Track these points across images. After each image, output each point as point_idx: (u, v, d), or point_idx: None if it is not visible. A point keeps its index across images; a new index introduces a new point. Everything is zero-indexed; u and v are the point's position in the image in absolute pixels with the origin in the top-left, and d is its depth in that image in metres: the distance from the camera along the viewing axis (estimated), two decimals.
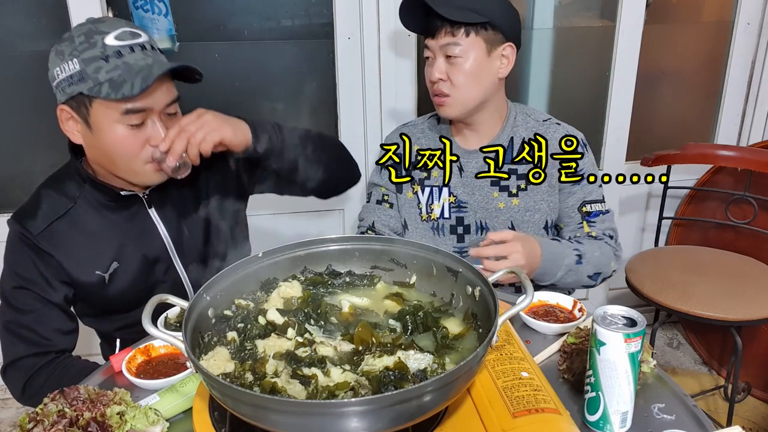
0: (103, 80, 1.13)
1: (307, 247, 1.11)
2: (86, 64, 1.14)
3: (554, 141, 1.57)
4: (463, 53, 1.45)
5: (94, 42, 1.14)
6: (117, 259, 1.32)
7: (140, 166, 1.23)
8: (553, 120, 1.62)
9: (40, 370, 1.27)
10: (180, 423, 0.98)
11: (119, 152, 1.21)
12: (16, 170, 2.21)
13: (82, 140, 1.24)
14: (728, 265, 2.13)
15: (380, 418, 0.75)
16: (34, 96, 2.14)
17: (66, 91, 1.18)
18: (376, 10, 2.13)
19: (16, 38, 2.07)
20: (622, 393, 0.90)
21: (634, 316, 0.91)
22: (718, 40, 2.53)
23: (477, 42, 1.45)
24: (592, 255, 1.51)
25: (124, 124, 1.18)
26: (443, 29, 1.45)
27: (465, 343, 0.94)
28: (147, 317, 0.83)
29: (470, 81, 1.48)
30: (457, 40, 1.45)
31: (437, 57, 1.49)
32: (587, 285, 1.55)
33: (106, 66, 1.13)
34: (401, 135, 1.66)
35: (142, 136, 1.20)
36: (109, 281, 1.31)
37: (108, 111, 1.16)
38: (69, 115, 1.22)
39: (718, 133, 2.62)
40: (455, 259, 1.03)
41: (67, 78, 1.16)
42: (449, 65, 1.47)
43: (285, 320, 0.99)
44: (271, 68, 2.26)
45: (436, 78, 1.49)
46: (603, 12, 2.43)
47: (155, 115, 1.20)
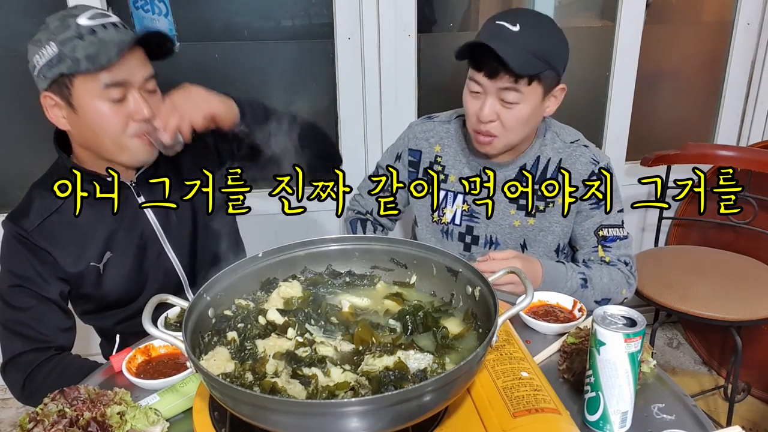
0: (80, 57, 1.16)
1: (307, 247, 1.11)
2: (63, 44, 1.17)
3: (579, 167, 1.51)
4: (520, 100, 1.38)
5: (67, 24, 1.18)
6: (110, 249, 1.34)
7: (127, 141, 1.25)
8: (581, 142, 1.55)
9: (39, 366, 1.28)
10: (180, 423, 0.98)
11: (104, 128, 1.23)
12: (16, 170, 2.22)
13: (68, 125, 1.27)
14: (728, 265, 2.13)
15: (380, 418, 0.75)
16: (34, 96, 2.14)
17: (47, 76, 1.21)
18: (376, 10, 2.13)
19: (16, 38, 2.07)
20: (622, 393, 0.90)
21: (634, 316, 0.91)
22: (718, 40, 2.53)
23: (536, 89, 1.38)
24: (600, 281, 1.48)
25: (106, 100, 1.20)
26: (505, 75, 1.34)
27: (465, 343, 0.94)
28: (147, 317, 0.83)
29: (521, 126, 1.42)
30: (518, 87, 1.36)
31: (489, 97, 1.39)
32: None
33: (82, 44, 1.17)
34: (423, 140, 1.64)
35: (124, 111, 1.23)
36: (103, 271, 1.33)
37: (89, 86, 1.19)
38: (53, 102, 1.24)
39: (718, 133, 2.63)
40: (455, 259, 1.03)
41: (46, 63, 1.19)
42: (501, 107, 1.39)
43: (285, 320, 0.99)
44: (271, 68, 2.27)
45: (487, 120, 1.40)
46: (603, 12, 2.43)
47: (135, 90, 1.23)
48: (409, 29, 2.18)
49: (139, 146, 1.26)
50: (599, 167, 1.51)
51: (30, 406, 1.29)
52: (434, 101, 2.26)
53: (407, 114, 2.27)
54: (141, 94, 1.24)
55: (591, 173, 1.51)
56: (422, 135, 1.64)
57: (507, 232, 1.57)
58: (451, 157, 1.60)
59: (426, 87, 2.29)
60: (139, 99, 1.23)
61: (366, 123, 2.27)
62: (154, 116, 1.24)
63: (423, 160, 1.64)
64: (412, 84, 2.25)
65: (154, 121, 1.23)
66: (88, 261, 1.32)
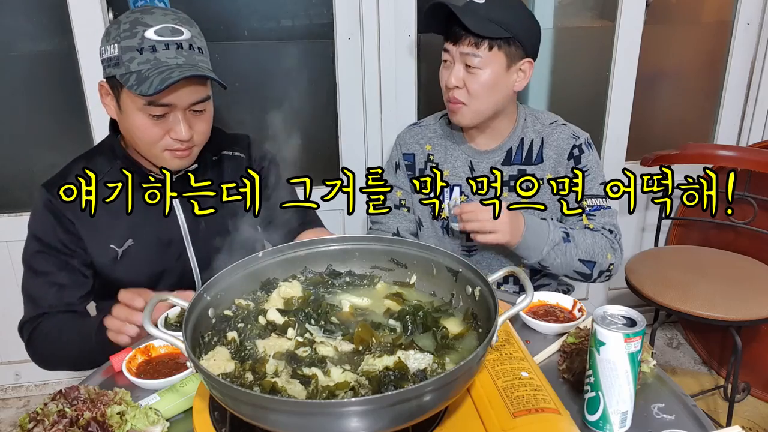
0: (133, 71, 1.19)
1: (307, 247, 1.11)
2: (123, 51, 1.20)
3: (561, 142, 1.59)
4: (482, 65, 1.46)
5: (135, 32, 1.20)
6: (132, 237, 1.37)
7: (158, 152, 1.29)
8: (560, 121, 1.63)
9: (41, 324, 1.33)
10: (180, 423, 0.98)
11: (140, 137, 1.27)
12: (16, 170, 2.21)
13: (115, 115, 1.31)
14: (728, 265, 2.13)
15: (380, 418, 0.75)
16: (34, 96, 2.14)
17: (106, 70, 1.25)
18: (376, 10, 2.13)
19: (16, 38, 2.07)
20: (622, 393, 0.90)
21: (634, 316, 0.91)
22: (718, 40, 2.53)
23: (498, 56, 1.47)
24: (583, 240, 1.52)
25: (146, 114, 1.23)
26: (467, 39, 1.45)
27: (465, 343, 0.94)
28: (147, 317, 0.83)
29: (486, 92, 1.49)
30: (479, 52, 1.45)
31: (456, 63, 1.50)
32: (582, 273, 1.54)
33: (139, 58, 1.19)
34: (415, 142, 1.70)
35: (163, 127, 1.26)
36: (121, 257, 1.36)
37: (133, 99, 1.22)
38: (107, 92, 1.28)
39: (718, 133, 2.63)
40: (455, 259, 1.03)
41: (107, 59, 1.23)
42: (467, 74, 1.49)
43: (285, 320, 0.99)
44: (271, 68, 2.26)
45: (453, 85, 1.50)
46: (603, 12, 2.43)
47: (179, 111, 1.25)
48: (409, 29, 2.18)
49: (170, 158, 1.30)
50: (580, 142, 1.58)
51: (41, 367, 1.39)
52: (434, 101, 2.26)
53: (407, 114, 2.27)
54: (184, 115, 1.26)
55: (572, 146, 1.58)
56: (412, 140, 1.72)
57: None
58: (441, 153, 1.67)
59: (426, 87, 2.29)
60: (180, 120, 1.25)
61: (366, 123, 2.27)
62: (191, 138, 1.27)
63: (418, 161, 1.71)
64: (412, 84, 2.25)
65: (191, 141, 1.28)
66: (109, 243, 1.35)
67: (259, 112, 2.29)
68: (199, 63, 1.23)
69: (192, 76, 1.19)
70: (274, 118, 2.37)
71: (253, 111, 2.28)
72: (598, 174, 1.60)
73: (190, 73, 1.18)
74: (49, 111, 2.16)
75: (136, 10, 1.23)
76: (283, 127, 2.41)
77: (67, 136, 2.19)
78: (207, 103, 1.29)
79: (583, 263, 1.52)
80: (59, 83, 2.12)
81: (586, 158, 1.58)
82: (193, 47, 1.23)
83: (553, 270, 1.54)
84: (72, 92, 2.08)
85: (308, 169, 2.46)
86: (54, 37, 2.07)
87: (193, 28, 1.26)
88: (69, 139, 2.19)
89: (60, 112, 2.17)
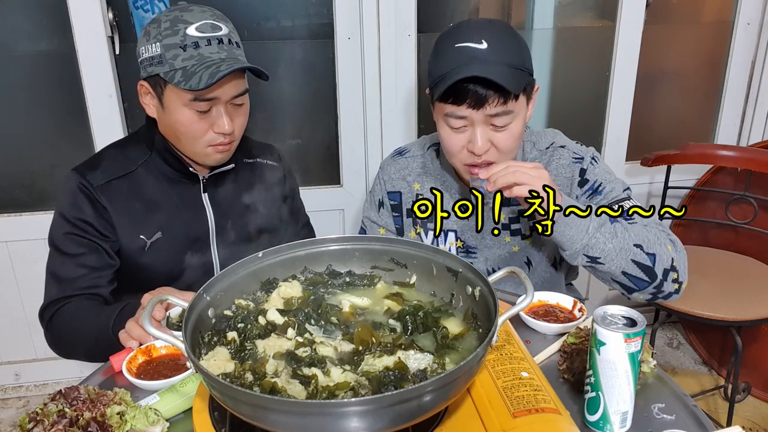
0: (178, 67, 1.23)
1: (307, 247, 1.11)
2: (166, 49, 1.23)
3: (562, 170, 1.40)
4: (511, 119, 1.26)
5: (177, 30, 1.23)
6: (162, 230, 1.38)
7: (201, 148, 1.32)
8: (556, 143, 1.42)
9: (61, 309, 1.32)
10: (180, 423, 0.98)
11: (184, 132, 1.30)
12: (16, 170, 2.21)
13: (155, 115, 1.34)
14: (728, 265, 2.13)
15: (380, 418, 0.74)
16: (34, 96, 2.14)
17: (147, 70, 1.28)
18: (376, 10, 2.13)
19: (16, 38, 2.07)
20: (622, 393, 0.90)
21: (634, 316, 0.91)
22: (718, 40, 2.53)
23: (522, 102, 1.27)
24: (632, 227, 1.27)
25: (192, 109, 1.27)
26: (494, 100, 1.22)
27: (465, 343, 0.94)
28: (147, 317, 0.83)
29: (516, 142, 1.31)
30: (508, 107, 1.24)
31: (476, 126, 1.26)
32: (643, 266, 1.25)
33: (183, 54, 1.23)
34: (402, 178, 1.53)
35: (207, 122, 1.29)
36: (148, 248, 1.37)
37: (179, 95, 1.25)
38: (147, 91, 1.32)
39: (718, 133, 2.63)
40: (455, 259, 1.03)
41: (149, 58, 1.26)
42: (494, 133, 1.27)
43: (285, 320, 0.99)
44: (271, 68, 2.25)
45: (483, 151, 1.27)
46: (603, 12, 2.43)
47: (221, 104, 1.29)
48: (409, 29, 2.18)
49: (212, 153, 1.34)
50: (585, 165, 1.38)
51: (58, 354, 1.37)
52: None
53: (407, 114, 2.27)
54: (227, 109, 1.30)
55: (580, 171, 1.38)
56: (397, 175, 1.53)
57: (507, 259, 1.48)
58: (432, 195, 1.45)
59: (426, 87, 2.29)
60: (223, 114, 1.29)
61: (366, 123, 2.27)
62: (233, 131, 1.31)
63: (405, 201, 1.54)
64: (412, 84, 2.25)
65: (232, 135, 1.31)
66: (138, 233, 1.36)
67: (259, 112, 2.29)
68: (238, 56, 1.29)
69: (239, 68, 1.24)
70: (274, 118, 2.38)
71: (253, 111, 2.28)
72: (615, 182, 1.37)
73: (237, 66, 1.23)
74: (49, 111, 2.16)
75: (175, 9, 1.27)
76: (283, 127, 2.42)
77: (67, 136, 2.19)
78: (245, 96, 1.34)
79: (641, 250, 1.24)
80: (59, 83, 2.12)
81: (594, 174, 1.37)
82: (231, 42, 1.29)
83: (606, 262, 1.25)
84: (72, 92, 2.08)
85: (308, 169, 2.48)
86: (54, 37, 2.07)
87: (228, 23, 1.30)
88: (69, 140, 2.19)
89: (60, 112, 2.17)
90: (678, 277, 1.28)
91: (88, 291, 1.33)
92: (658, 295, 1.29)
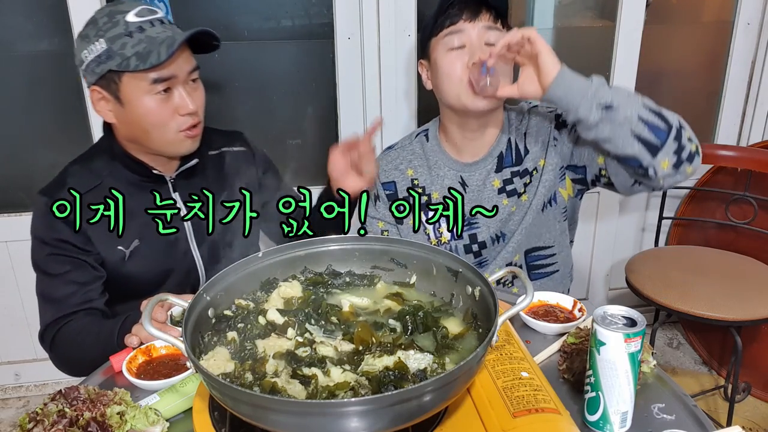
0: (129, 54, 1.21)
1: (307, 247, 1.11)
2: (112, 42, 1.21)
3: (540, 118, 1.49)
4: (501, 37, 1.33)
5: (116, 21, 1.23)
6: (139, 237, 1.37)
7: (173, 135, 1.30)
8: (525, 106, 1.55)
9: (64, 327, 1.31)
10: (180, 423, 0.98)
11: (151, 122, 1.27)
12: (16, 170, 2.22)
13: (114, 119, 1.31)
14: (728, 265, 2.13)
15: (380, 418, 0.74)
16: (34, 96, 2.14)
17: (96, 72, 1.24)
18: (376, 10, 2.13)
19: (16, 38, 2.07)
20: (622, 393, 0.90)
21: (634, 316, 0.91)
22: (718, 40, 2.53)
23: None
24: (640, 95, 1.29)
25: (153, 95, 1.25)
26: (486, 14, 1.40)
27: (465, 343, 0.94)
28: (147, 318, 0.83)
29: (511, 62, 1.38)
30: (498, 26, 1.41)
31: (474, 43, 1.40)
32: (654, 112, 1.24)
33: (131, 41, 1.21)
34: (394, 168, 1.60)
35: (170, 105, 1.28)
36: (128, 258, 1.36)
37: (137, 83, 1.23)
38: (100, 96, 1.28)
39: (718, 133, 2.63)
40: (455, 259, 1.03)
41: (95, 58, 1.23)
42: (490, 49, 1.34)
43: (285, 320, 0.99)
44: (271, 68, 2.27)
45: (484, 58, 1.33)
46: (603, 12, 2.43)
47: (180, 84, 1.28)
48: (409, 29, 2.18)
49: (183, 139, 1.32)
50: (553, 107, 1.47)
51: (66, 373, 1.36)
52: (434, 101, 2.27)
53: (407, 114, 2.27)
54: (186, 88, 1.29)
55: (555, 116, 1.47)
56: (389, 165, 1.61)
57: (508, 221, 1.51)
58: (426, 175, 1.57)
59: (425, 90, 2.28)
60: (184, 93, 1.28)
61: (366, 123, 2.27)
62: (197, 109, 1.30)
63: (400, 189, 1.60)
64: (412, 84, 2.25)
65: (196, 115, 1.30)
66: (116, 245, 1.35)
67: (259, 113, 2.29)
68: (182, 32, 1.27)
69: (194, 33, 1.23)
70: (274, 118, 2.38)
71: (253, 111, 2.29)
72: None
73: (193, 31, 1.23)
74: (49, 111, 2.16)
75: (104, 7, 1.27)
76: (283, 127, 2.42)
77: (67, 136, 2.19)
78: (198, 72, 1.33)
79: (652, 113, 1.24)
80: (59, 83, 2.12)
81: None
82: (171, 22, 1.29)
83: (620, 107, 1.23)
84: (72, 92, 2.08)
85: (308, 169, 2.48)
86: (54, 37, 2.07)
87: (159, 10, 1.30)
88: (69, 139, 2.19)
89: (60, 112, 2.17)
90: (691, 137, 1.26)
91: (83, 307, 1.32)
92: (681, 153, 1.24)
